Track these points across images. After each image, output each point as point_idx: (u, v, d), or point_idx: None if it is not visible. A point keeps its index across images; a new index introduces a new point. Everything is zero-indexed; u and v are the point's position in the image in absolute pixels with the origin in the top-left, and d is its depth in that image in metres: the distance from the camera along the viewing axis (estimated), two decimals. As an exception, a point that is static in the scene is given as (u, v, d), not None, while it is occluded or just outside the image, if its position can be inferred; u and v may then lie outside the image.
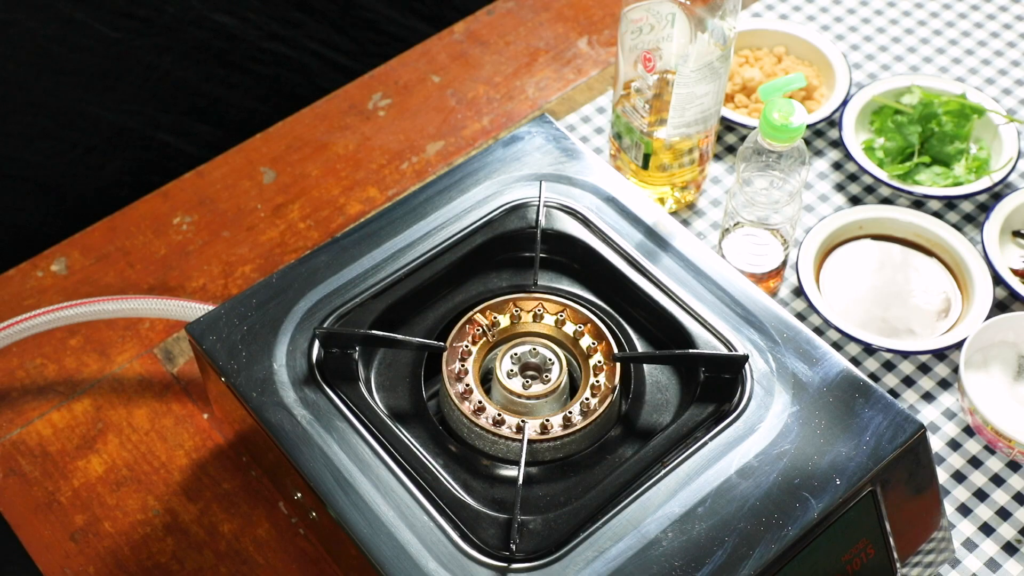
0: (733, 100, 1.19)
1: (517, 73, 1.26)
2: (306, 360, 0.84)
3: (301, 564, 0.90)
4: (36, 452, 0.97)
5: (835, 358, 0.83)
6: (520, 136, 0.98)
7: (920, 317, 1.03)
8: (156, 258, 1.10)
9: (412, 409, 0.83)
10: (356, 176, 1.17)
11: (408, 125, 1.21)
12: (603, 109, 1.21)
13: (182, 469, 0.96)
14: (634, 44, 0.98)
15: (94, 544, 0.92)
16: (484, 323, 0.85)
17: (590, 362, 0.83)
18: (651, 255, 0.89)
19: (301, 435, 0.80)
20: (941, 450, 0.96)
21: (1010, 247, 1.08)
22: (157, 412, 0.99)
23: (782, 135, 0.92)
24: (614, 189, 0.94)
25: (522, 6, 1.32)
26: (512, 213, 0.92)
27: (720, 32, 0.95)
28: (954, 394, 1.00)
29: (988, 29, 1.29)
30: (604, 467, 0.80)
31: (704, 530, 0.74)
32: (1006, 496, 0.94)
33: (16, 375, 1.02)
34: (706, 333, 0.85)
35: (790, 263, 1.07)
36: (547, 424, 0.79)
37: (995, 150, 1.14)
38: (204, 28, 1.89)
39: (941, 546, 0.86)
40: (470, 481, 0.79)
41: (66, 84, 1.83)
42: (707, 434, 0.79)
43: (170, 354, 1.03)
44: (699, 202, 1.13)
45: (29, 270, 1.09)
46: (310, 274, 0.89)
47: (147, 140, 1.79)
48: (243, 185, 1.16)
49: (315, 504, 0.80)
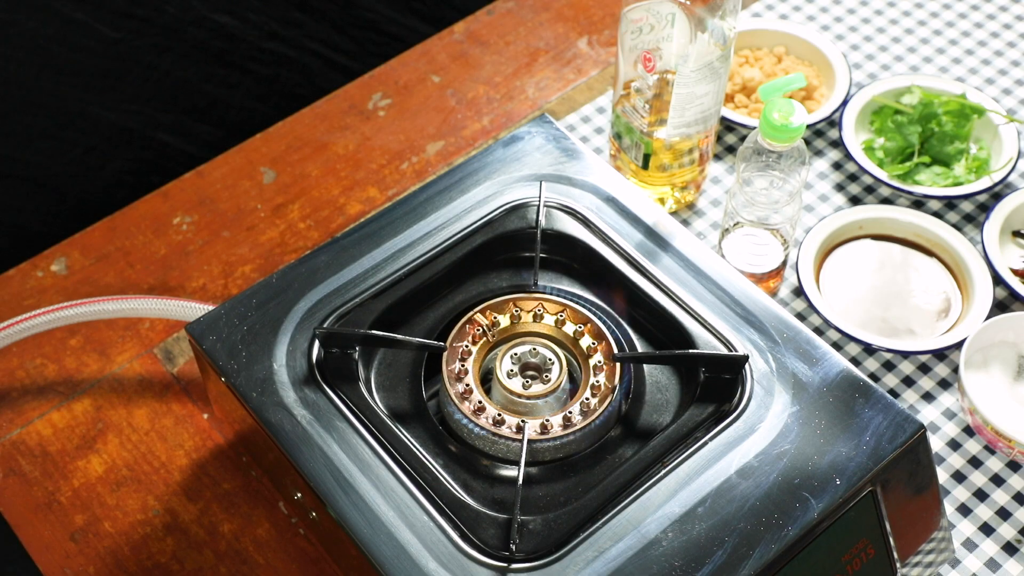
0: (733, 100, 1.19)
1: (517, 73, 1.26)
2: (306, 360, 0.84)
3: (301, 564, 0.90)
4: (36, 452, 0.97)
5: (835, 358, 0.83)
6: (520, 136, 0.98)
7: (920, 317, 1.03)
8: (156, 258, 1.10)
9: (412, 409, 0.83)
10: (356, 176, 1.17)
11: (408, 125, 1.21)
12: (603, 109, 1.21)
13: (182, 469, 0.96)
14: (634, 44, 0.98)
15: (94, 544, 0.92)
16: (484, 323, 0.85)
17: (590, 362, 0.83)
18: (651, 255, 0.89)
19: (301, 435, 0.80)
20: (941, 450, 0.96)
21: (1010, 247, 1.08)
22: (157, 412, 0.99)
23: (782, 135, 0.92)
24: (614, 189, 0.94)
25: (522, 6, 1.32)
26: (512, 213, 0.92)
27: (720, 32, 0.95)
28: (954, 394, 1.00)
29: (988, 29, 1.29)
30: (604, 467, 0.80)
31: (704, 530, 0.74)
32: (1006, 496, 0.94)
33: (16, 375, 1.02)
34: (706, 333, 0.85)
35: (790, 263, 1.07)
36: (547, 424, 0.79)
37: (995, 150, 1.14)
38: (204, 28, 1.89)
39: (941, 546, 0.86)
40: (470, 481, 0.79)
41: (66, 84, 1.83)
42: (707, 434, 0.79)
43: (170, 354, 1.03)
44: (699, 202, 1.13)
45: (29, 270, 1.09)
46: (310, 274, 0.89)
47: (147, 140, 1.79)
48: (243, 185, 1.16)
49: (315, 504, 0.80)
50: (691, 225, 1.11)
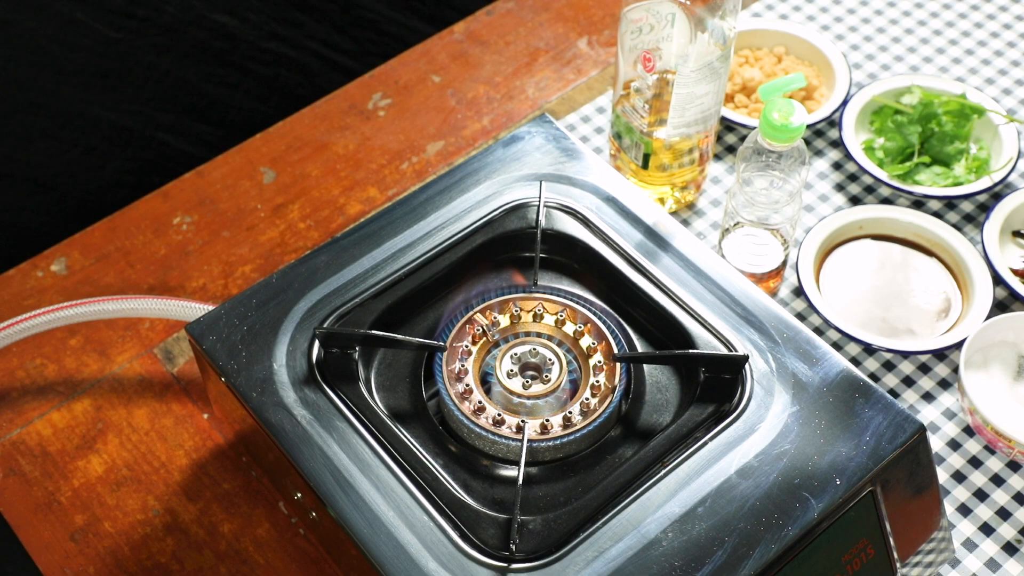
0: (733, 100, 1.19)
1: (517, 73, 1.26)
2: (306, 360, 0.84)
3: (301, 564, 0.90)
4: (36, 452, 0.97)
5: (835, 358, 0.83)
6: (520, 136, 0.98)
7: (920, 317, 1.03)
8: (156, 258, 1.10)
9: (412, 409, 0.83)
10: (356, 176, 1.17)
11: (408, 125, 1.21)
12: (603, 109, 1.21)
13: (182, 469, 0.96)
14: (634, 44, 0.98)
15: (94, 544, 0.92)
16: (484, 323, 0.85)
17: (590, 362, 0.83)
18: (651, 255, 0.89)
19: (301, 435, 0.80)
20: (941, 450, 0.96)
21: (1010, 247, 1.08)
22: (157, 412, 0.99)
23: (782, 135, 0.92)
24: (614, 189, 0.94)
25: (522, 6, 1.32)
26: (512, 213, 0.92)
27: (720, 32, 0.95)
28: (954, 394, 1.00)
29: (988, 29, 1.29)
30: (604, 467, 0.80)
31: (704, 530, 0.74)
32: (1006, 496, 0.94)
33: (16, 375, 1.02)
34: (706, 333, 0.85)
35: (790, 263, 1.07)
36: (547, 424, 0.79)
37: (995, 150, 1.14)
38: (204, 28, 1.89)
39: (941, 546, 0.86)
40: (470, 481, 0.79)
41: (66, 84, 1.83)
42: (707, 434, 0.79)
43: (170, 354, 1.03)
44: (699, 202, 1.13)
45: (29, 270, 1.09)
46: (310, 274, 0.89)
47: (147, 140, 1.79)
48: (243, 185, 1.16)
49: (315, 504, 0.80)
50: (691, 225, 1.11)
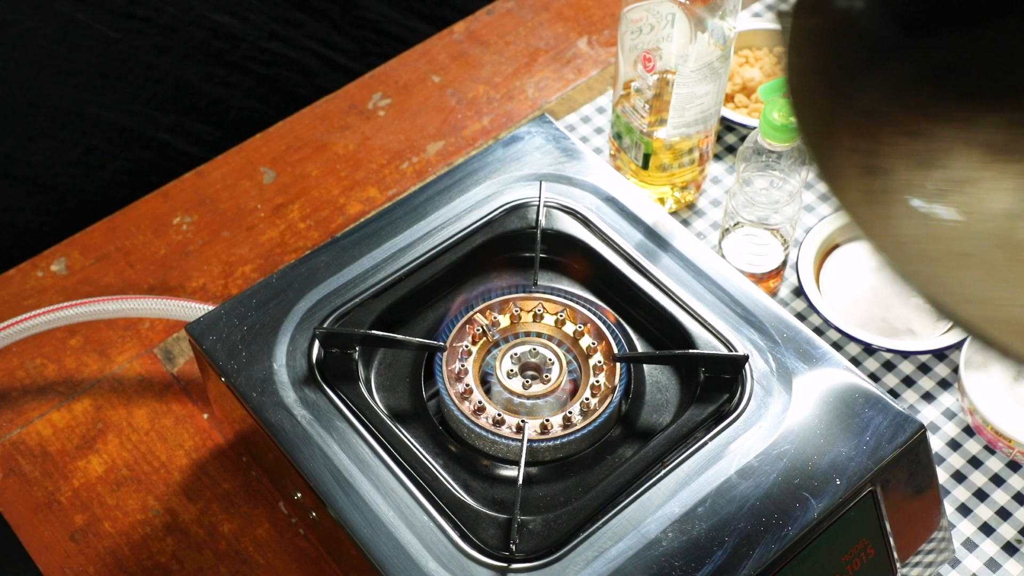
0: (733, 100, 1.19)
1: (517, 73, 1.26)
2: (306, 360, 0.84)
3: (301, 564, 0.90)
4: (36, 452, 0.97)
5: (835, 358, 0.83)
6: (520, 136, 0.98)
7: (920, 317, 1.03)
8: (156, 258, 1.10)
9: (412, 409, 0.83)
10: (356, 176, 1.17)
11: (408, 125, 1.21)
12: (603, 109, 1.21)
13: (182, 469, 0.96)
14: (634, 44, 0.98)
15: (94, 544, 0.92)
16: (484, 323, 0.85)
17: (590, 362, 0.83)
18: (651, 255, 0.89)
19: (301, 435, 0.80)
20: (941, 450, 0.96)
21: (1010, 247, 1.08)
22: (157, 412, 0.99)
23: (782, 135, 0.92)
24: (614, 189, 0.94)
25: (522, 6, 1.32)
26: (512, 213, 0.92)
27: (720, 32, 0.95)
28: (954, 394, 1.00)
29: (988, 29, 1.29)
30: (604, 467, 0.80)
31: (704, 530, 0.74)
32: (1006, 496, 0.94)
33: (16, 375, 1.02)
34: (706, 333, 0.85)
35: (790, 263, 1.07)
36: (547, 424, 0.79)
37: (995, 150, 1.14)
38: (204, 28, 1.89)
39: (941, 546, 0.86)
40: (470, 481, 0.79)
41: (66, 84, 1.83)
42: (707, 434, 0.79)
43: (170, 354, 1.03)
44: (699, 202, 1.13)
45: (29, 270, 1.09)
46: (310, 274, 0.89)
47: (147, 140, 1.79)
48: (243, 185, 1.16)
49: (315, 504, 0.80)
50: (691, 225, 1.11)
